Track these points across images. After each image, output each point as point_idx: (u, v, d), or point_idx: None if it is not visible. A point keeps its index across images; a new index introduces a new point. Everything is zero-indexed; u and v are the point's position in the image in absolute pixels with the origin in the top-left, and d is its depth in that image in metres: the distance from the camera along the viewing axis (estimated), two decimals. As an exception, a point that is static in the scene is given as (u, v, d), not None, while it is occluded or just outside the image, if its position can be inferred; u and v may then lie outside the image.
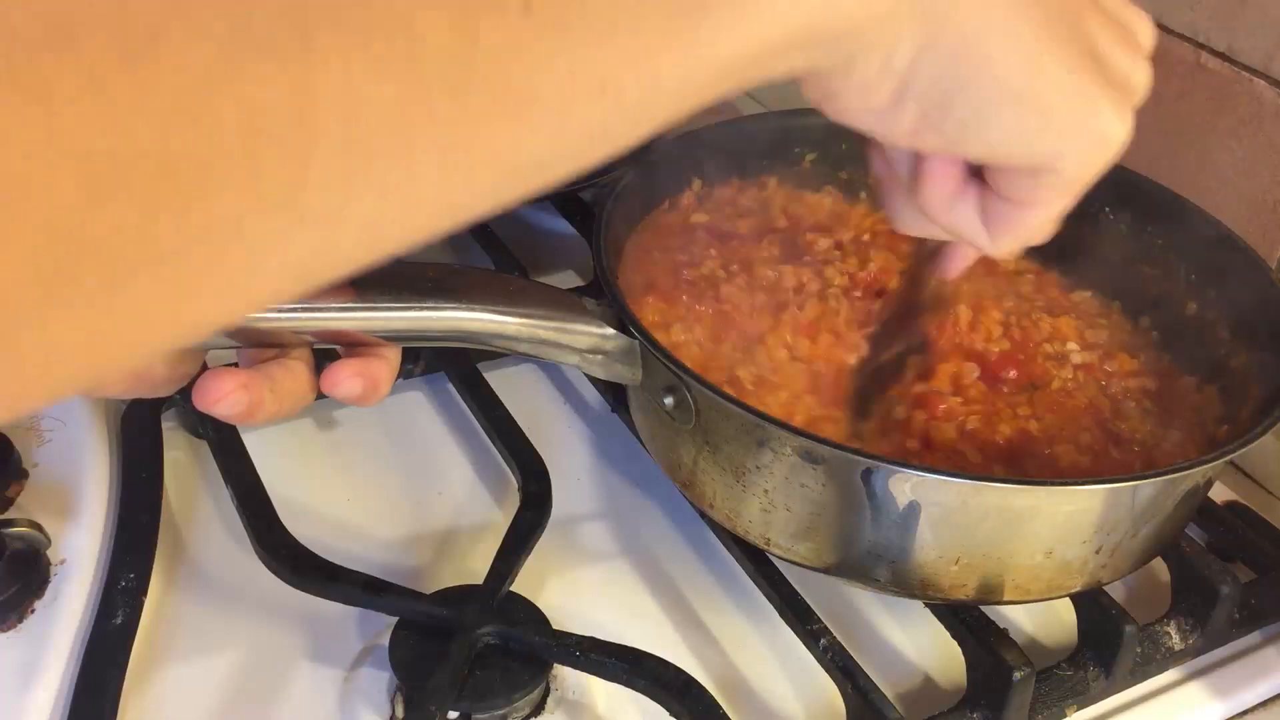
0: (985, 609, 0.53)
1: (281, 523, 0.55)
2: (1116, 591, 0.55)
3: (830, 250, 0.63)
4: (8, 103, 0.19)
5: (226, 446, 0.60)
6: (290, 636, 0.54)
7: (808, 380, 0.55)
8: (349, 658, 0.53)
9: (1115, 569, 0.51)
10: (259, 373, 0.39)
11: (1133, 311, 0.63)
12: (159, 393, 0.40)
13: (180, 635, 0.54)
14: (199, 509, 0.61)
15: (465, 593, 0.53)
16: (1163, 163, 0.68)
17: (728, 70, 0.29)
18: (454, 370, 0.68)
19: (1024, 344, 0.58)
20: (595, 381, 0.69)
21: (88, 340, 0.21)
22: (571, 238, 0.79)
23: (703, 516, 0.57)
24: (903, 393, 0.55)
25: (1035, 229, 0.39)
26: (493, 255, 0.76)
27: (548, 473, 0.60)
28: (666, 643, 0.56)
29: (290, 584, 0.53)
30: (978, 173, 0.39)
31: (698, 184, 0.66)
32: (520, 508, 0.58)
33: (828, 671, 0.52)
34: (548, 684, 0.52)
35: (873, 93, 0.33)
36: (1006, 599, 0.50)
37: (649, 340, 0.49)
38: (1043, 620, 0.58)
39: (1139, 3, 0.39)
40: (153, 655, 0.53)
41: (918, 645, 0.57)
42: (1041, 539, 0.48)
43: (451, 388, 0.68)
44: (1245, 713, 0.55)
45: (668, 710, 0.49)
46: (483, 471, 0.65)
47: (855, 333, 0.58)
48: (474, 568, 0.56)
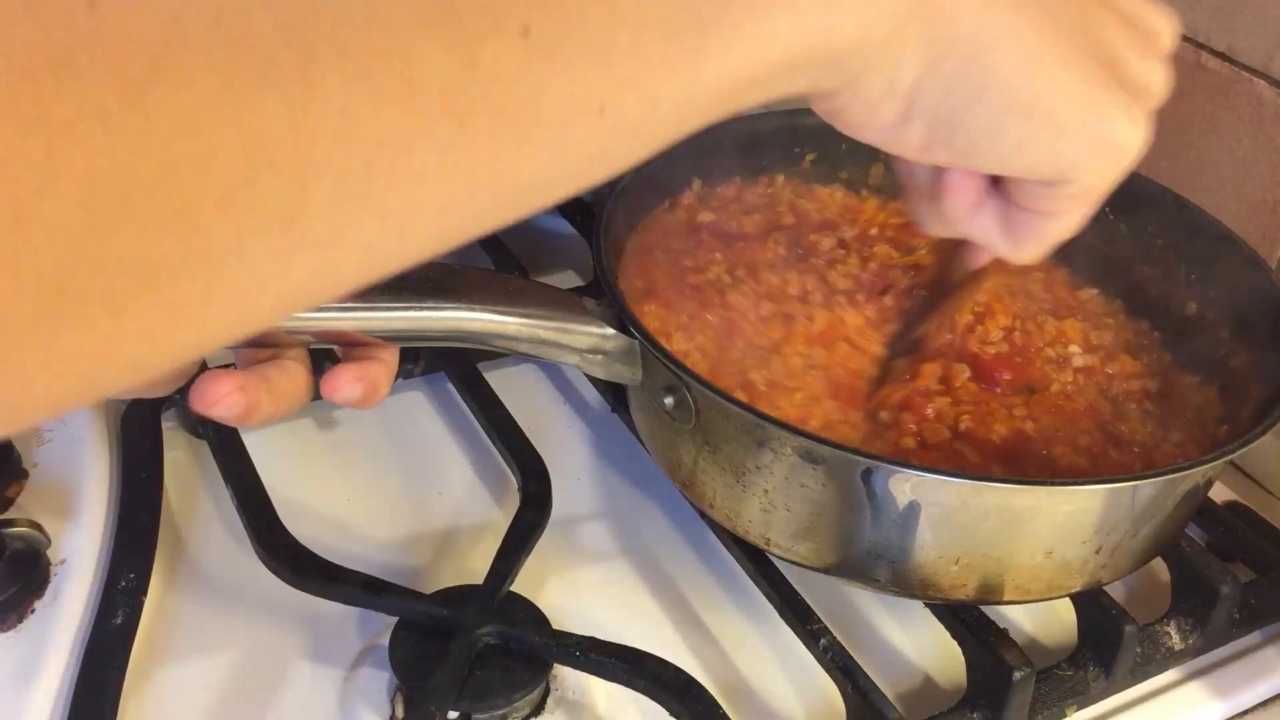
0: (985, 609, 0.53)
1: (281, 523, 0.55)
2: (1116, 591, 0.55)
3: (834, 249, 0.63)
4: (9, 132, 0.19)
5: (226, 446, 0.60)
6: (290, 636, 0.54)
7: (824, 385, 0.54)
8: (349, 658, 0.53)
9: (1115, 569, 0.51)
10: (255, 374, 0.39)
11: (1135, 312, 0.63)
12: (158, 392, 0.40)
13: (180, 635, 0.54)
14: (199, 509, 0.61)
15: (465, 593, 0.53)
16: (1163, 163, 0.68)
17: (728, 91, 0.29)
18: (454, 370, 0.68)
19: (1025, 348, 0.58)
20: (595, 381, 0.69)
21: (91, 360, 0.22)
22: (571, 238, 0.79)
23: (703, 516, 0.57)
24: (886, 397, 0.55)
25: (1056, 237, 0.39)
26: (493, 255, 0.76)
27: (548, 473, 0.60)
28: (666, 643, 0.56)
29: (290, 584, 0.53)
30: (998, 182, 0.39)
31: (698, 184, 0.66)
32: (520, 508, 0.58)
33: (828, 671, 0.52)
34: (548, 684, 0.52)
35: (879, 111, 0.33)
36: (1006, 599, 0.50)
37: (649, 340, 0.49)
38: (1043, 620, 0.58)
39: None
40: (153, 655, 0.53)
41: (918, 645, 0.57)
42: (1041, 539, 0.48)
43: (451, 388, 0.68)
44: (1245, 713, 0.55)
45: (668, 710, 0.49)
46: (483, 471, 0.65)
47: (870, 336, 0.57)
48: (474, 568, 0.56)
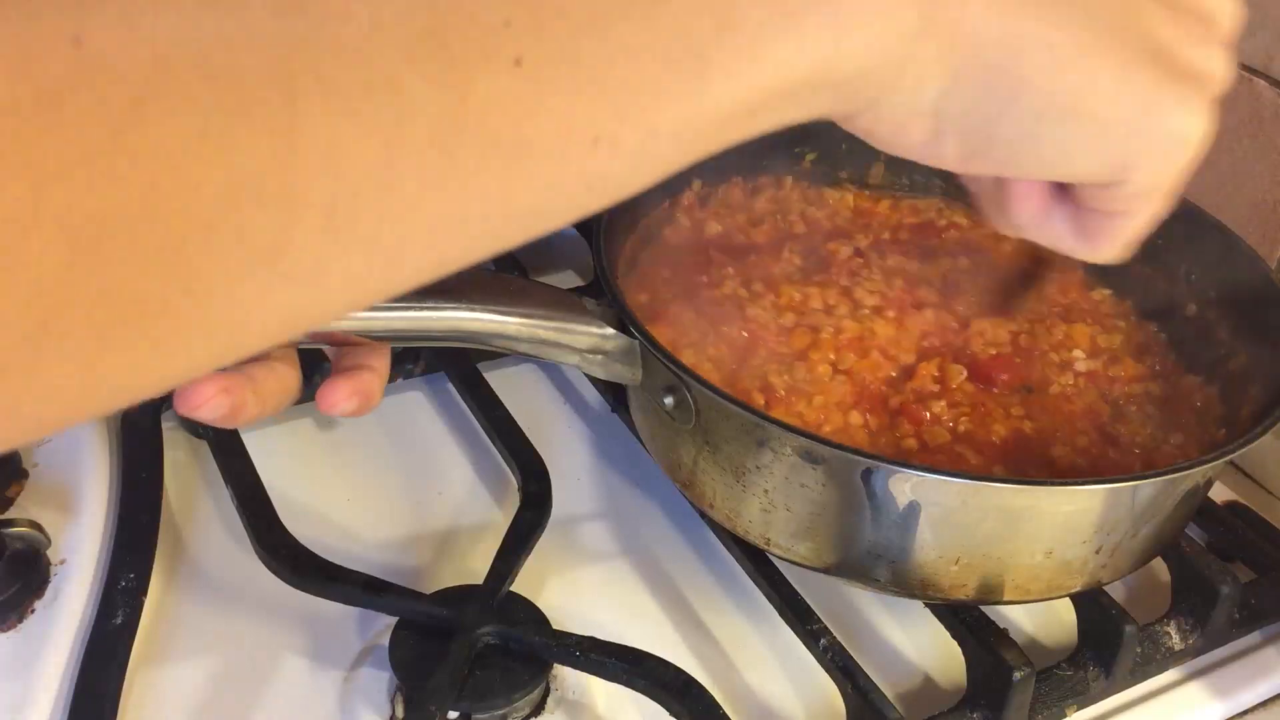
0: (985, 609, 0.53)
1: (281, 523, 0.55)
2: (1116, 591, 0.55)
3: (852, 258, 0.62)
4: None
5: (226, 446, 0.60)
6: (290, 636, 0.54)
7: (850, 392, 0.54)
8: (349, 658, 0.53)
9: (1115, 569, 0.51)
10: (241, 374, 0.38)
11: (1141, 313, 0.63)
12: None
13: (180, 635, 0.54)
14: (199, 509, 0.61)
15: (465, 593, 0.53)
16: (1163, 163, 0.68)
17: (733, 117, 0.28)
18: (454, 370, 0.68)
19: (1028, 350, 0.58)
20: (595, 381, 0.69)
21: (78, 389, 0.22)
22: (571, 238, 0.79)
23: (703, 516, 0.57)
24: (905, 404, 0.54)
25: (1133, 235, 0.38)
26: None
27: (548, 473, 0.60)
28: (666, 643, 0.56)
29: (290, 584, 0.53)
30: (1064, 185, 0.37)
31: (698, 184, 0.66)
32: (520, 508, 0.58)
33: (828, 671, 0.52)
34: (548, 684, 0.52)
35: (909, 130, 0.33)
36: (1006, 599, 0.50)
37: (649, 340, 0.49)
38: (1043, 620, 0.58)
39: None
40: (153, 655, 0.53)
41: (918, 645, 0.57)
42: (1041, 539, 0.48)
43: (451, 388, 0.68)
44: (1245, 713, 0.55)
45: (668, 710, 0.49)
46: (483, 471, 0.65)
47: (903, 346, 0.57)
48: (474, 568, 0.56)
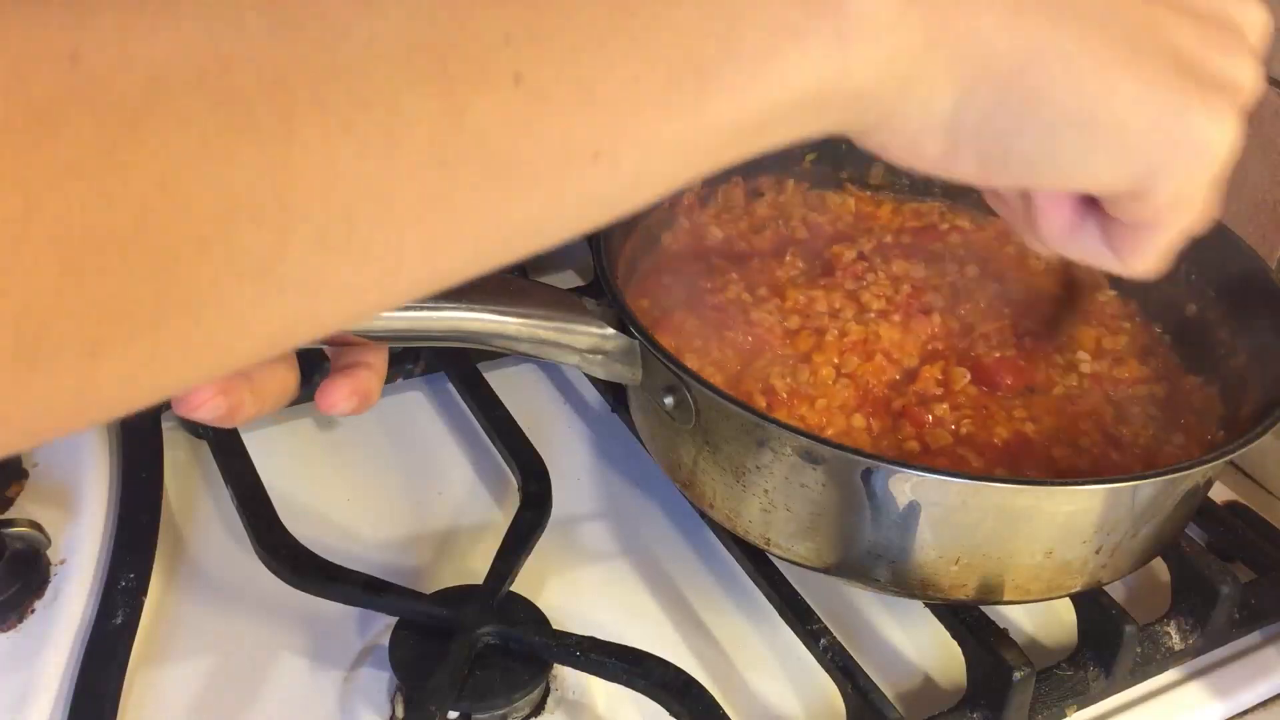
0: (985, 609, 0.53)
1: (281, 523, 0.55)
2: (1116, 591, 0.55)
3: (856, 262, 0.62)
4: None
5: (226, 446, 0.60)
6: (290, 636, 0.54)
7: (854, 395, 0.54)
8: (349, 658, 0.53)
9: (1115, 569, 0.51)
10: (238, 374, 0.38)
11: (1145, 314, 0.63)
12: None
13: (180, 635, 0.54)
14: (199, 509, 0.61)
15: (465, 593, 0.53)
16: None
17: (736, 134, 0.28)
18: (454, 370, 0.68)
19: (1033, 352, 0.58)
20: (595, 381, 0.69)
21: (71, 401, 0.22)
22: (571, 237, 0.79)
23: (703, 516, 0.57)
24: (908, 406, 0.54)
25: (1166, 247, 0.37)
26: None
27: (548, 473, 0.60)
28: (666, 643, 0.56)
29: (290, 584, 0.53)
30: (1093, 198, 0.37)
31: (697, 184, 0.65)
32: (520, 508, 0.58)
33: (828, 671, 0.52)
34: (548, 684, 0.52)
35: (923, 145, 0.32)
36: (1006, 599, 0.50)
37: (649, 340, 0.49)
38: (1043, 620, 0.58)
39: None
40: (153, 655, 0.53)
41: (918, 645, 0.57)
42: (1041, 539, 0.48)
43: (451, 388, 0.68)
44: (1245, 713, 0.55)
45: (668, 710, 0.49)
46: (483, 471, 0.65)
47: (907, 350, 0.57)
48: (474, 568, 0.56)
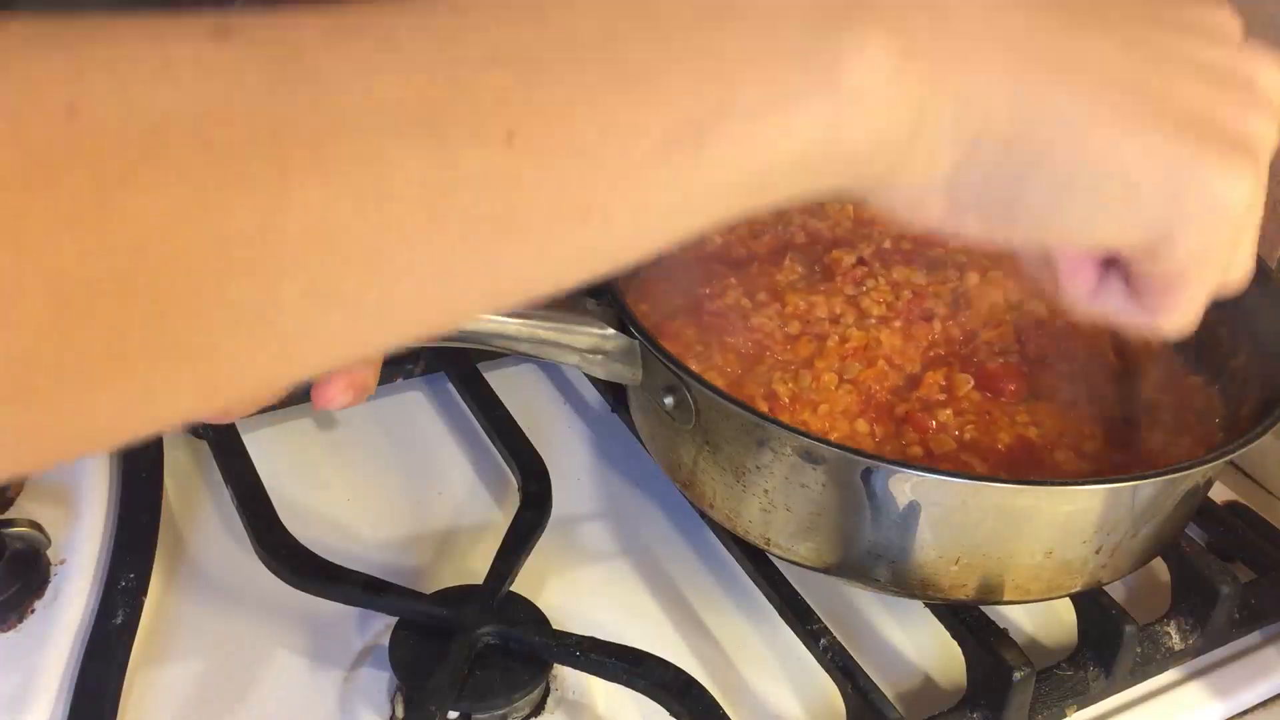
0: (985, 609, 0.53)
1: (281, 523, 0.55)
2: (1116, 591, 0.55)
3: (855, 267, 0.61)
4: None
5: (226, 446, 0.60)
6: (290, 636, 0.54)
7: (856, 401, 0.54)
8: (349, 658, 0.53)
9: (1115, 569, 0.51)
10: None
11: None
12: None
13: (180, 635, 0.54)
14: (199, 509, 0.61)
15: (465, 593, 0.53)
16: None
17: (728, 196, 0.28)
18: (454, 370, 0.68)
19: (1037, 358, 0.58)
20: (595, 381, 0.69)
21: (64, 435, 0.22)
22: (571, 238, 0.79)
23: (703, 516, 0.57)
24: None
25: (1195, 302, 0.36)
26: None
27: (548, 473, 0.60)
28: (666, 643, 0.56)
29: (290, 584, 0.53)
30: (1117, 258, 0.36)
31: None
32: (520, 508, 0.58)
33: (828, 671, 0.52)
34: (548, 684, 0.52)
35: (926, 207, 0.32)
36: (1006, 599, 0.50)
37: (649, 340, 0.49)
38: (1043, 620, 0.58)
39: None
40: (153, 655, 0.53)
41: (918, 645, 0.57)
42: (1041, 539, 0.48)
43: (451, 388, 0.68)
44: (1245, 713, 0.55)
45: (668, 710, 0.49)
46: (483, 471, 0.65)
47: (909, 356, 0.56)
48: (474, 568, 0.56)
